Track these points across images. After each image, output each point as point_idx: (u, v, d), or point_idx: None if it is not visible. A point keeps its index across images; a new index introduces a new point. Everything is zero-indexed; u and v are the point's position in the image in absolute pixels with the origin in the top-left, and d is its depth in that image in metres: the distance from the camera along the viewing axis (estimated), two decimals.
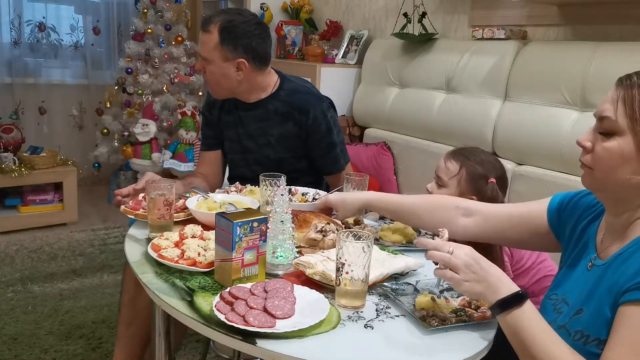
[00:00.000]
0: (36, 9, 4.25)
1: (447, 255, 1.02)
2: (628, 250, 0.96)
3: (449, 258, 1.02)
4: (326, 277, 1.17)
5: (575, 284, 1.07)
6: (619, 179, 0.97)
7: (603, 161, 0.98)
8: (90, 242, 3.44)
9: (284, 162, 1.95)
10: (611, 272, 0.97)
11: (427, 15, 3.06)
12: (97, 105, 4.42)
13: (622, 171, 0.96)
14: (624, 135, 0.95)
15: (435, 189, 1.60)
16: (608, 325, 0.92)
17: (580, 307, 1.00)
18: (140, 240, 1.43)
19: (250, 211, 1.24)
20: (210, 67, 1.86)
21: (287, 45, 4.02)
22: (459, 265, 1.00)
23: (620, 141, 0.96)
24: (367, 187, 1.65)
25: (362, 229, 1.46)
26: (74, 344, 2.30)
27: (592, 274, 1.03)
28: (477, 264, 1.00)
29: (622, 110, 0.96)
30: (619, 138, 0.96)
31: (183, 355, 2.24)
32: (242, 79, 1.87)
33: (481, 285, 0.99)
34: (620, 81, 0.99)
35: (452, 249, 1.02)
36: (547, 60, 2.42)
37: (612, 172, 0.97)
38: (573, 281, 1.08)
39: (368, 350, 0.98)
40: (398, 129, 3.12)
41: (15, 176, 3.46)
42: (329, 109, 1.98)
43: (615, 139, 0.96)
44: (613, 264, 0.98)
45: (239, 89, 1.91)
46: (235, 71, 1.85)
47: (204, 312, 1.06)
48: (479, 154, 1.60)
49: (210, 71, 1.87)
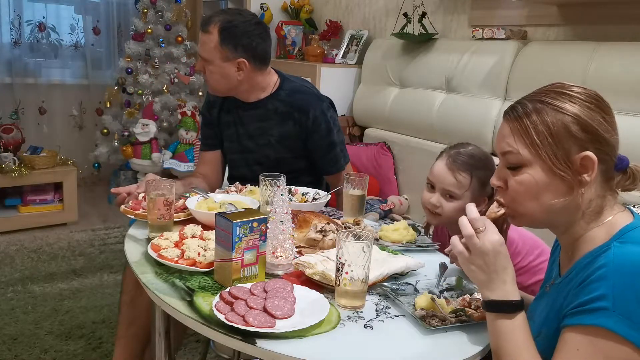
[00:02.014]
0: (36, 9, 4.25)
1: (471, 231, 0.97)
2: (572, 272, 0.96)
3: (471, 235, 0.97)
4: (326, 277, 1.17)
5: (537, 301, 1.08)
6: (543, 207, 0.96)
7: (521, 194, 0.98)
8: (90, 242, 3.44)
9: (283, 162, 1.95)
10: (559, 294, 0.96)
11: (427, 15, 3.06)
12: (97, 105, 4.42)
13: (543, 198, 0.96)
14: (532, 164, 0.95)
15: (445, 203, 1.49)
16: None
17: (540, 330, 0.99)
18: (140, 240, 1.43)
19: (250, 211, 1.24)
20: (211, 67, 1.86)
21: (287, 45, 4.02)
22: (476, 247, 0.96)
23: (530, 171, 0.96)
24: (367, 187, 1.65)
25: (362, 229, 1.46)
26: (74, 344, 2.30)
27: (549, 294, 1.03)
28: (494, 257, 0.96)
29: (520, 142, 0.96)
30: (528, 169, 0.96)
31: (183, 355, 2.23)
32: (242, 78, 1.87)
33: (482, 277, 0.97)
34: (507, 115, 0.99)
35: (483, 229, 0.97)
36: (547, 60, 2.42)
37: (534, 202, 0.97)
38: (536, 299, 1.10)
39: (368, 350, 0.98)
40: (398, 129, 3.12)
41: (15, 176, 3.46)
42: (329, 109, 1.98)
43: (525, 171, 0.96)
44: (560, 285, 0.98)
45: (239, 88, 1.91)
46: (235, 71, 1.85)
47: (203, 312, 1.06)
48: (477, 155, 1.53)
49: (210, 71, 1.87)
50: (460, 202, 1.48)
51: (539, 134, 0.94)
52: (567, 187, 0.94)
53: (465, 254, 0.98)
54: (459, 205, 1.47)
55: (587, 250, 0.95)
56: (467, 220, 0.99)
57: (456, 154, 1.51)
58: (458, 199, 1.48)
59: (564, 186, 0.94)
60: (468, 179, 1.47)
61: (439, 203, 1.49)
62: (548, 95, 0.96)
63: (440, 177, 1.50)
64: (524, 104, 0.98)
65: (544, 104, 0.95)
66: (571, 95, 0.95)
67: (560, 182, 0.94)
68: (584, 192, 0.94)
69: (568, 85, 0.98)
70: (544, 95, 0.97)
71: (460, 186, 1.47)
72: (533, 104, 0.96)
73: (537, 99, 0.97)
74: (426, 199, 1.53)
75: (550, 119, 0.94)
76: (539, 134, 0.94)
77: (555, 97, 0.96)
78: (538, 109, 0.95)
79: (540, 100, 0.96)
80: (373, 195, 2.93)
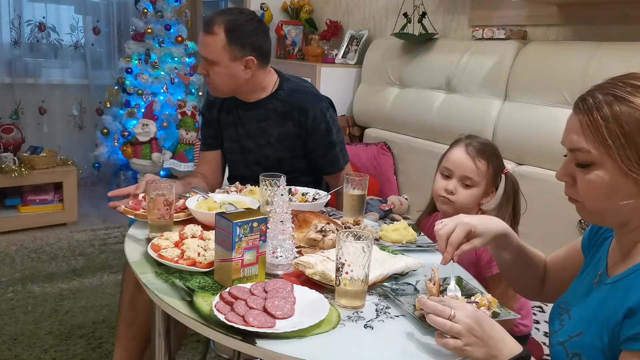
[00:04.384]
0: (36, 9, 4.25)
1: (447, 324, 0.95)
2: (628, 276, 0.92)
3: (450, 326, 0.94)
4: (326, 277, 1.17)
5: (581, 297, 1.04)
6: (612, 207, 0.93)
7: (590, 194, 0.94)
8: (90, 242, 3.44)
9: (283, 162, 1.95)
10: (613, 298, 0.93)
11: (427, 15, 3.06)
12: (97, 105, 4.42)
13: (613, 199, 0.92)
14: (603, 164, 0.91)
15: (461, 190, 1.55)
16: (604, 352, 0.90)
17: (582, 329, 0.97)
18: (140, 240, 1.43)
19: (250, 211, 1.24)
20: (217, 69, 1.84)
21: (287, 45, 4.02)
22: (461, 331, 0.94)
23: (600, 171, 0.92)
24: (367, 187, 1.65)
25: (362, 229, 1.46)
26: (74, 344, 2.30)
27: (596, 292, 0.99)
28: (479, 327, 0.94)
29: (591, 140, 0.91)
30: (598, 168, 0.92)
31: (183, 355, 2.23)
32: (249, 77, 1.87)
33: (483, 349, 0.94)
34: (577, 106, 0.95)
35: (453, 313, 0.95)
36: (547, 60, 2.42)
37: (603, 202, 0.93)
38: (579, 292, 1.05)
39: (368, 350, 0.98)
40: (398, 129, 3.12)
41: (15, 176, 3.46)
42: (328, 109, 1.98)
43: (595, 170, 0.92)
44: (616, 287, 0.94)
45: (243, 88, 1.91)
46: (243, 69, 1.85)
47: (203, 312, 1.06)
48: (491, 144, 1.61)
49: (216, 72, 1.85)
50: (475, 189, 1.55)
51: (610, 133, 0.89)
52: (639, 188, 0.90)
53: (458, 344, 0.95)
54: (474, 193, 1.55)
55: None
56: (435, 318, 0.96)
57: (474, 142, 1.57)
58: (475, 186, 1.55)
59: (637, 187, 0.90)
60: (486, 166, 1.54)
61: (455, 190, 1.55)
62: (622, 89, 0.90)
63: (460, 164, 1.56)
64: (594, 96, 0.92)
65: (616, 98, 0.90)
66: None
67: (633, 184, 0.90)
68: None
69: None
70: (617, 87, 0.91)
71: (479, 173, 1.54)
72: (605, 96, 0.91)
73: (610, 92, 0.91)
74: (440, 186, 1.58)
75: (624, 117, 0.88)
76: (611, 133, 0.89)
77: (629, 90, 0.90)
78: (610, 103, 0.90)
79: (614, 94, 0.90)
80: (373, 195, 2.93)
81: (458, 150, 1.57)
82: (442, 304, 0.97)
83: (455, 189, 1.55)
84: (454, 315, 0.95)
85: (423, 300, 1.01)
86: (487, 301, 1.11)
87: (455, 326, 0.94)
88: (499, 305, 1.13)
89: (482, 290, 1.22)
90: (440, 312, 0.96)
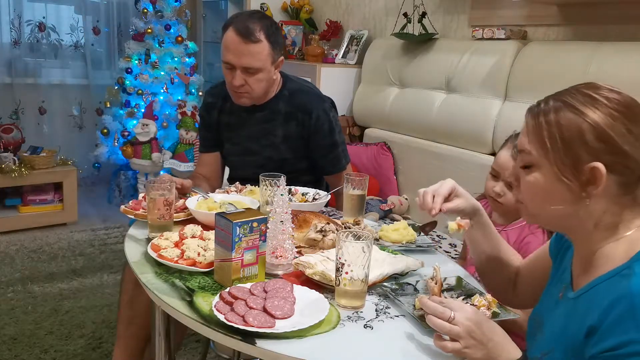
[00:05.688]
0: (36, 9, 4.25)
1: (447, 326, 0.94)
2: (591, 290, 0.90)
3: (449, 328, 0.94)
4: (326, 277, 1.17)
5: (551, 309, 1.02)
6: (551, 211, 0.93)
7: (528, 195, 0.95)
8: (90, 242, 3.44)
9: (286, 162, 1.95)
10: (577, 315, 0.91)
11: (427, 15, 3.06)
12: (97, 105, 4.42)
13: (551, 203, 0.92)
14: (541, 166, 0.92)
15: (508, 193, 1.51)
16: None
17: (552, 347, 0.96)
18: (140, 240, 1.43)
19: (250, 211, 1.24)
20: (260, 75, 1.82)
21: (287, 45, 4.02)
22: (460, 334, 0.93)
23: (538, 173, 0.92)
24: (367, 187, 1.65)
25: (362, 229, 1.46)
26: (74, 344, 2.30)
27: (563, 305, 0.98)
28: (479, 329, 0.93)
29: (534, 140, 0.92)
30: (536, 170, 0.93)
31: (183, 355, 2.24)
32: (276, 77, 1.89)
33: (482, 352, 0.93)
34: (529, 110, 0.95)
35: (453, 315, 0.94)
36: (547, 60, 2.42)
37: (539, 205, 0.94)
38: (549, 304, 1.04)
39: (368, 350, 0.98)
40: (398, 129, 3.12)
41: (15, 176, 3.46)
42: (331, 109, 1.98)
43: (534, 172, 0.93)
44: (579, 302, 0.92)
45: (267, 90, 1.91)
46: (274, 71, 1.87)
47: (203, 312, 1.06)
48: None
49: (258, 80, 1.83)
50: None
51: (550, 137, 0.90)
52: (572, 195, 0.90)
53: (457, 347, 0.94)
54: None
55: (606, 269, 0.89)
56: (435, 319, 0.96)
57: None
58: None
59: (569, 194, 0.90)
60: None
61: (503, 192, 1.53)
62: (574, 96, 0.91)
63: (505, 167, 1.52)
64: (547, 101, 0.93)
65: (565, 105, 0.90)
66: (597, 100, 0.89)
67: (566, 190, 0.90)
68: (589, 203, 0.89)
69: (600, 87, 0.91)
70: (571, 95, 0.91)
71: None
72: (555, 102, 0.91)
73: (562, 99, 0.91)
74: (490, 187, 1.56)
75: (566, 122, 0.88)
76: (551, 136, 0.90)
77: (580, 98, 0.90)
78: (557, 109, 0.90)
79: (564, 100, 0.91)
80: (373, 195, 2.93)
81: (504, 151, 1.53)
82: (442, 305, 0.97)
83: (502, 191, 1.52)
84: (454, 317, 0.94)
85: (424, 301, 1.00)
86: (486, 301, 1.11)
87: (454, 328, 0.94)
88: (499, 306, 1.13)
89: (481, 291, 1.22)
90: (440, 314, 0.96)
